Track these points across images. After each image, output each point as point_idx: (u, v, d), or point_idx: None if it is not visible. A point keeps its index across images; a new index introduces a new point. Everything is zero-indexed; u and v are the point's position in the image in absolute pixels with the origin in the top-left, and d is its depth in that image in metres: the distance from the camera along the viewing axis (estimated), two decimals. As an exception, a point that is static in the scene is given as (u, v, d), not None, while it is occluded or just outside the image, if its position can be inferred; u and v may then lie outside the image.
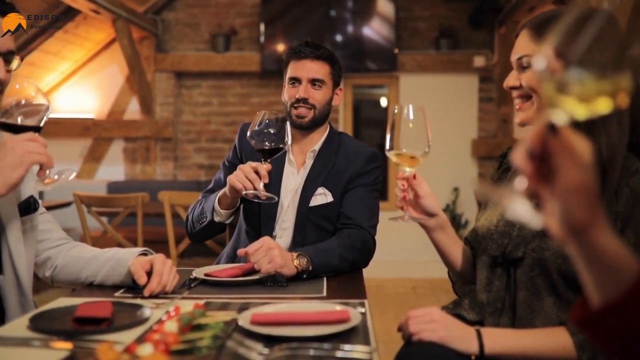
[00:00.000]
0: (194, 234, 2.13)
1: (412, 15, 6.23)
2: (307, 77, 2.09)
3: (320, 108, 2.11)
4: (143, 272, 1.55)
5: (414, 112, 1.45)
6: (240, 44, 6.33)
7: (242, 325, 1.21)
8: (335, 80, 2.16)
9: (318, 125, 2.14)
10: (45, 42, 5.63)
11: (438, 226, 1.57)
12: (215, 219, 2.00)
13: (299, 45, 2.12)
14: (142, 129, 6.30)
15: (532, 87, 1.39)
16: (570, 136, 0.67)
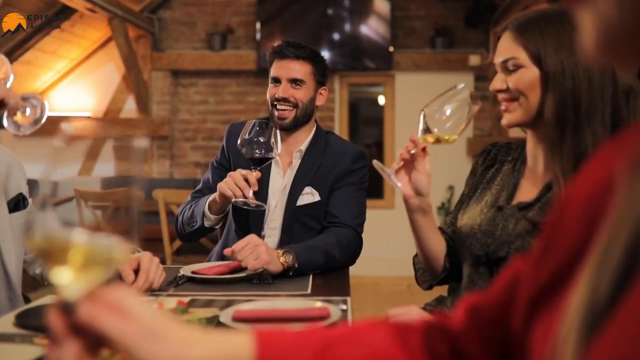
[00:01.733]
0: (184, 235, 2.15)
1: (408, 14, 6.25)
2: (286, 76, 2.11)
3: (302, 107, 2.13)
4: (130, 270, 1.58)
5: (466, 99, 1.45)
6: (237, 42, 6.35)
7: (223, 321, 1.23)
8: (318, 80, 2.18)
9: (301, 125, 2.16)
10: (42, 40, 5.65)
11: (420, 208, 1.53)
12: (205, 224, 2.03)
13: (281, 45, 2.15)
14: (138, 127, 6.32)
15: (520, 89, 1.40)
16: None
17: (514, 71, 1.40)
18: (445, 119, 1.45)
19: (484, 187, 1.59)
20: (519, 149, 1.58)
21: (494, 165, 1.61)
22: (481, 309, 0.67)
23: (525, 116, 1.41)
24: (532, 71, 1.37)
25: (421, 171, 1.48)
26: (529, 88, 1.38)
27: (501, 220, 1.44)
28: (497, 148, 1.64)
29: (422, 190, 1.50)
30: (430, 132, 1.44)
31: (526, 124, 1.44)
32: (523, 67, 1.38)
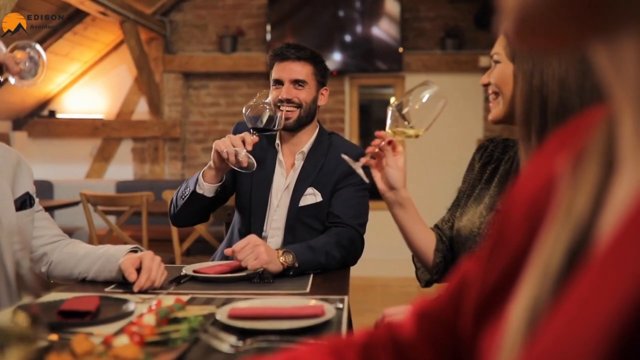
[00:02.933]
0: (176, 213, 2.13)
1: (418, 16, 6.26)
2: (288, 78, 2.14)
3: (305, 107, 2.15)
4: (133, 269, 1.61)
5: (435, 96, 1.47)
6: (247, 44, 6.39)
7: (219, 319, 1.26)
8: (319, 80, 2.20)
9: (304, 126, 2.19)
10: (55, 43, 5.72)
11: (396, 202, 1.55)
12: (197, 190, 2.03)
13: (282, 48, 2.18)
14: (150, 129, 6.38)
15: (497, 84, 1.43)
16: None
17: (495, 66, 1.44)
18: (413, 114, 1.47)
19: (482, 187, 1.60)
20: (515, 147, 1.59)
21: (491, 162, 1.62)
22: (432, 314, 0.63)
23: (504, 111, 1.43)
24: (507, 66, 1.41)
25: (392, 166, 1.52)
26: (504, 83, 1.42)
27: None
28: (494, 144, 1.65)
29: (395, 184, 1.53)
30: (397, 127, 1.47)
31: (507, 121, 1.46)
32: (501, 63, 1.42)
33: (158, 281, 1.61)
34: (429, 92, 1.48)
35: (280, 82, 2.15)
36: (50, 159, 6.57)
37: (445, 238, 1.62)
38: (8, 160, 1.72)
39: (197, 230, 3.86)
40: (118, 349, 0.98)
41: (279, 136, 2.23)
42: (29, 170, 1.80)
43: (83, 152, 6.55)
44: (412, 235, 1.59)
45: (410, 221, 1.58)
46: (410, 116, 1.48)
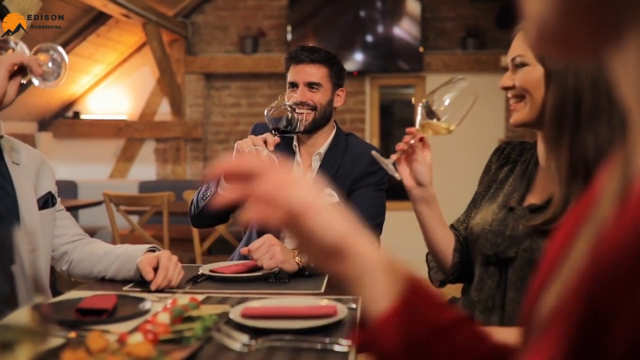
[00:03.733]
0: (196, 214, 2.15)
1: (439, 16, 6.24)
2: (303, 80, 2.15)
3: (320, 109, 2.16)
4: (150, 268, 1.63)
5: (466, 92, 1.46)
6: (268, 45, 6.42)
7: (232, 318, 1.27)
8: (335, 82, 2.21)
9: (319, 128, 2.20)
10: (79, 45, 5.81)
11: (423, 199, 1.54)
12: (219, 191, 2.05)
13: (296, 50, 2.19)
14: (172, 129, 6.44)
15: (525, 87, 1.41)
16: None
17: (520, 69, 1.41)
18: (444, 110, 1.46)
19: (497, 187, 1.59)
20: (532, 150, 1.58)
21: (507, 164, 1.62)
22: None
23: (531, 115, 1.41)
24: (537, 69, 1.38)
25: (421, 162, 1.50)
26: (533, 86, 1.39)
27: (511, 221, 1.44)
28: (511, 147, 1.65)
29: (423, 181, 1.52)
30: (427, 123, 1.46)
31: (532, 124, 1.44)
32: (529, 65, 1.40)
33: (174, 280, 1.63)
34: (459, 88, 1.47)
35: (296, 84, 2.16)
36: (75, 159, 6.67)
37: (462, 238, 1.62)
38: (32, 161, 1.76)
39: (217, 230, 3.89)
40: (131, 346, 1.00)
41: (296, 138, 2.24)
42: (51, 171, 1.84)
43: (106, 152, 6.64)
44: (434, 234, 1.58)
45: (434, 219, 1.57)
46: (440, 112, 1.47)
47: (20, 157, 1.73)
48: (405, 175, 1.53)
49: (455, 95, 1.46)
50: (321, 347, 1.13)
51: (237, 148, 1.96)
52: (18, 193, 1.66)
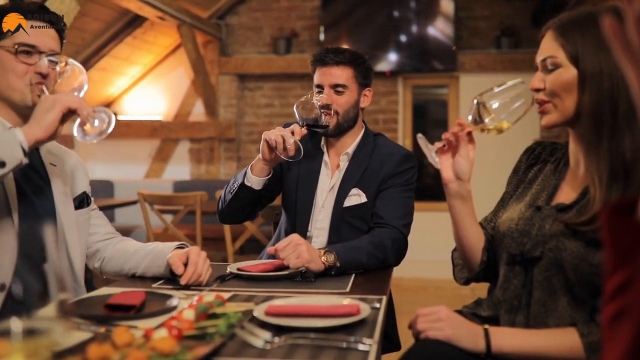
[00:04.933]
0: (224, 208, 2.19)
1: (473, 15, 6.18)
2: (328, 83, 2.16)
3: (343, 113, 2.16)
4: (180, 262, 1.67)
5: (523, 95, 1.46)
6: (301, 46, 6.45)
7: (256, 315, 1.29)
8: (361, 82, 2.21)
9: (345, 130, 2.20)
10: (116, 47, 5.93)
11: (458, 194, 1.54)
12: (245, 182, 2.09)
13: (321, 53, 2.20)
14: (206, 130, 6.52)
15: (555, 90, 1.39)
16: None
17: (552, 70, 1.39)
18: (497, 109, 1.45)
19: (525, 186, 1.58)
20: (563, 150, 1.57)
21: (537, 164, 1.60)
22: None
23: (561, 118, 1.40)
24: (569, 71, 1.36)
25: (464, 156, 1.50)
26: (565, 88, 1.37)
27: (538, 220, 1.43)
28: (542, 147, 1.63)
29: (462, 175, 1.51)
30: (480, 119, 1.45)
31: (565, 124, 1.43)
32: (561, 67, 1.37)
33: (204, 275, 1.66)
34: (517, 90, 1.46)
35: (322, 87, 2.17)
36: (111, 159, 6.81)
37: (490, 237, 1.61)
38: (67, 162, 1.82)
39: (248, 229, 3.93)
40: (155, 341, 1.02)
41: (325, 138, 2.26)
42: (86, 171, 1.90)
43: (142, 152, 6.76)
44: (465, 231, 1.58)
45: (467, 215, 1.57)
46: (493, 111, 1.46)
47: (56, 158, 1.78)
48: (445, 167, 1.52)
49: (512, 96, 1.45)
50: (342, 346, 1.14)
51: (264, 138, 2.00)
52: (55, 194, 1.72)
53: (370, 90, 2.26)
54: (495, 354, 1.31)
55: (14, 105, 1.65)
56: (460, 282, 1.69)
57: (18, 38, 1.62)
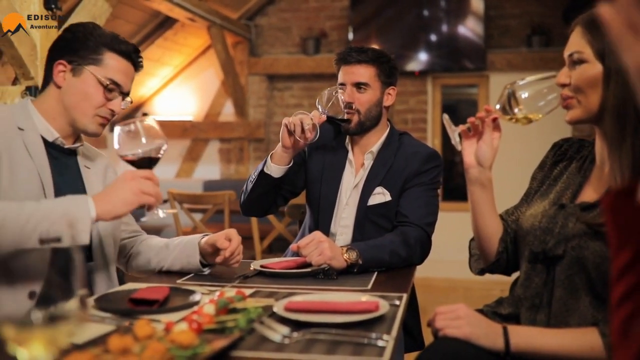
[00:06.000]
0: (245, 199, 2.23)
1: (503, 13, 6.12)
2: (351, 81, 2.17)
3: (365, 112, 2.17)
4: (223, 238, 1.75)
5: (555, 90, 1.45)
6: (330, 46, 6.47)
7: (275, 311, 1.31)
8: (384, 81, 2.21)
9: (368, 129, 2.21)
10: (147, 49, 6.02)
11: (478, 180, 1.55)
12: (265, 170, 2.13)
13: (344, 51, 2.21)
14: (236, 130, 6.58)
15: (580, 85, 1.38)
16: None
17: (578, 65, 1.38)
18: (527, 100, 1.45)
19: (550, 183, 1.57)
20: (589, 148, 1.55)
21: (563, 160, 1.59)
22: None
23: (585, 114, 1.39)
24: (595, 67, 1.35)
25: (487, 142, 1.51)
26: (590, 84, 1.35)
27: (561, 218, 1.42)
28: (569, 143, 1.62)
29: (484, 162, 1.52)
30: (509, 108, 1.45)
31: (589, 120, 1.41)
32: (587, 63, 1.36)
33: (239, 255, 1.77)
34: (550, 83, 1.45)
35: (344, 85, 2.19)
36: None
37: (510, 230, 1.61)
38: (99, 164, 1.87)
39: (276, 228, 3.96)
40: (175, 334, 1.05)
41: (349, 137, 2.27)
42: (115, 172, 1.95)
43: (173, 152, 6.85)
44: (483, 219, 1.58)
45: (486, 204, 1.57)
46: (523, 101, 1.46)
47: (90, 161, 1.83)
48: (468, 152, 1.54)
49: (544, 89, 1.45)
50: (359, 341, 1.15)
51: (284, 123, 2.04)
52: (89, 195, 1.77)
53: (394, 89, 2.26)
54: (514, 353, 1.30)
55: (73, 122, 1.70)
56: (475, 272, 1.70)
57: (110, 73, 1.68)
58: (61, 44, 1.71)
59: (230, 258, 1.77)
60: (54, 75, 1.69)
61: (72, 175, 1.76)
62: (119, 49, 1.70)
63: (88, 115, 1.68)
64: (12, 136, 1.59)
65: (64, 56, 1.68)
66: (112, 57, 1.68)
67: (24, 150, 1.60)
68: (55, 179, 1.66)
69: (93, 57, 1.67)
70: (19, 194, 1.54)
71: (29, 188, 1.58)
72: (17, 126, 1.62)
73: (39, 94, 1.77)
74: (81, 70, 1.67)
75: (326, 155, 2.27)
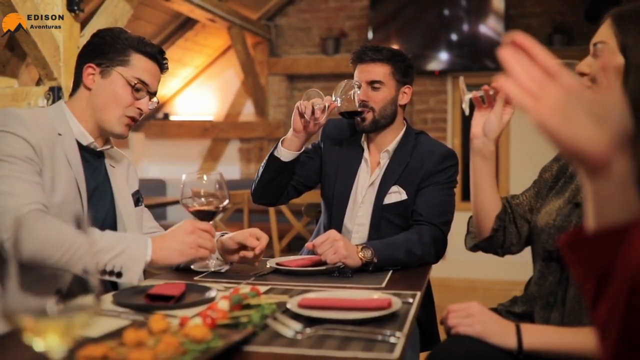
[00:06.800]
0: (255, 185, 2.25)
1: (524, 12, 6.07)
2: (365, 79, 2.18)
3: (379, 110, 2.18)
4: (253, 238, 1.79)
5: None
6: (350, 46, 6.47)
7: (289, 307, 1.32)
8: (399, 79, 2.22)
9: (383, 127, 2.21)
10: (168, 50, 6.08)
11: (481, 151, 1.58)
12: (275, 153, 2.15)
13: (360, 50, 2.22)
14: (256, 130, 6.62)
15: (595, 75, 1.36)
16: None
17: (598, 56, 1.36)
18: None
19: (566, 180, 1.56)
20: None
21: None
22: None
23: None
24: (616, 59, 1.33)
25: (496, 115, 1.55)
26: None
27: (576, 217, 1.42)
28: None
29: (489, 133, 1.56)
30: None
31: None
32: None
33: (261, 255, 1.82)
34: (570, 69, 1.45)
35: (360, 83, 2.20)
36: (164, 158, 6.98)
37: (510, 211, 1.62)
38: (122, 163, 1.91)
39: (295, 227, 3.98)
40: (189, 328, 1.07)
41: (365, 135, 2.28)
42: (136, 170, 1.99)
43: (194, 152, 6.91)
44: (481, 191, 1.62)
45: (485, 176, 1.60)
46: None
47: (114, 160, 1.88)
48: (477, 123, 1.58)
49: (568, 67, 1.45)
50: (371, 338, 1.16)
51: (297, 106, 2.07)
52: (115, 193, 1.82)
53: (410, 88, 2.27)
54: (526, 351, 1.30)
55: (101, 124, 1.75)
56: (468, 247, 1.74)
57: (137, 73, 1.73)
58: (90, 48, 1.76)
59: (257, 256, 1.81)
60: (84, 78, 1.74)
61: (101, 177, 1.81)
62: (145, 50, 1.74)
63: (116, 116, 1.73)
64: (54, 143, 1.64)
65: (93, 60, 1.73)
66: (138, 58, 1.73)
67: (64, 158, 1.65)
68: (88, 183, 1.71)
69: (120, 59, 1.72)
70: (56, 201, 1.59)
71: (67, 194, 1.63)
72: (57, 132, 1.66)
73: (69, 97, 1.82)
74: (110, 72, 1.72)
75: (342, 153, 2.29)
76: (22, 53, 3.08)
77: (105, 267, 1.48)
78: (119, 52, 1.72)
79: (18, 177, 1.51)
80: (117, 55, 1.72)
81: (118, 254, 1.49)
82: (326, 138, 2.33)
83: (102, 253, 1.47)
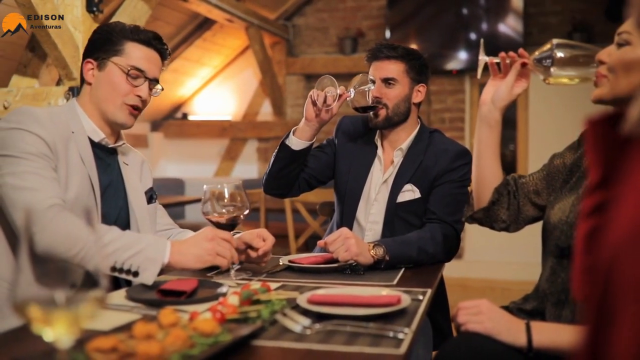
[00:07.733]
0: (267, 175, 2.26)
1: (543, 10, 6.02)
2: (379, 76, 2.19)
3: (392, 107, 2.18)
4: (260, 239, 1.80)
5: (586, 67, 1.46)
6: (367, 45, 6.46)
7: (299, 303, 1.34)
8: (413, 77, 2.22)
9: (396, 124, 2.22)
10: (187, 50, 6.13)
11: (486, 119, 1.61)
12: (286, 141, 2.16)
13: (375, 48, 2.23)
14: (273, 129, 6.64)
15: (615, 65, 1.33)
16: None
17: (622, 46, 1.35)
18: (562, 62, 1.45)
19: (580, 175, 1.55)
20: None
21: None
22: None
23: (610, 94, 1.35)
24: (635, 51, 1.31)
25: (508, 84, 1.57)
26: (625, 67, 1.32)
27: None
28: None
29: (496, 101, 1.59)
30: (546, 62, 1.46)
31: (613, 104, 1.38)
32: (630, 45, 1.33)
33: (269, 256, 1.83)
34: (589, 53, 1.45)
35: (374, 81, 2.21)
36: (183, 158, 7.04)
37: (515, 188, 1.63)
38: (135, 160, 1.94)
39: (311, 226, 3.99)
40: (197, 322, 1.08)
41: (379, 133, 2.28)
42: (149, 168, 2.01)
43: (212, 151, 6.96)
44: (484, 161, 1.64)
45: (488, 145, 1.63)
46: (558, 62, 1.47)
47: (127, 158, 1.90)
48: (488, 90, 1.61)
49: (580, 57, 1.45)
50: (378, 333, 1.16)
51: (310, 94, 2.10)
52: (128, 191, 1.84)
53: (424, 87, 2.27)
54: (536, 349, 1.30)
55: (105, 116, 1.77)
56: (464, 219, 1.75)
57: (132, 60, 1.75)
58: (89, 45, 1.80)
59: (261, 257, 1.81)
60: (84, 74, 1.79)
61: (114, 174, 1.83)
62: (138, 38, 1.77)
63: (116, 104, 1.75)
64: (68, 140, 1.67)
65: (91, 55, 1.78)
66: (133, 46, 1.76)
67: (77, 155, 1.68)
68: (101, 180, 1.74)
69: (115, 50, 1.75)
70: (70, 197, 1.61)
71: (80, 191, 1.65)
72: (70, 130, 1.70)
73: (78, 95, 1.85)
74: (105, 64, 1.75)
75: (355, 150, 2.30)
76: (43, 54, 3.13)
77: (123, 265, 1.50)
78: (113, 43, 1.75)
79: (36, 173, 1.54)
80: (112, 46, 1.75)
81: (136, 253, 1.51)
82: (341, 134, 2.35)
83: (121, 251, 1.50)
